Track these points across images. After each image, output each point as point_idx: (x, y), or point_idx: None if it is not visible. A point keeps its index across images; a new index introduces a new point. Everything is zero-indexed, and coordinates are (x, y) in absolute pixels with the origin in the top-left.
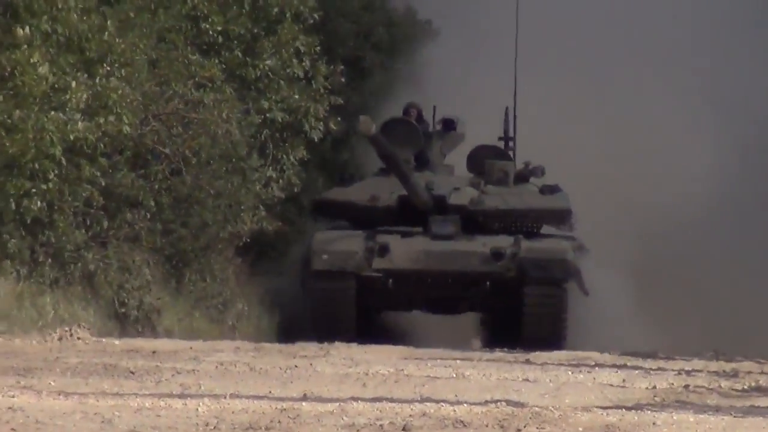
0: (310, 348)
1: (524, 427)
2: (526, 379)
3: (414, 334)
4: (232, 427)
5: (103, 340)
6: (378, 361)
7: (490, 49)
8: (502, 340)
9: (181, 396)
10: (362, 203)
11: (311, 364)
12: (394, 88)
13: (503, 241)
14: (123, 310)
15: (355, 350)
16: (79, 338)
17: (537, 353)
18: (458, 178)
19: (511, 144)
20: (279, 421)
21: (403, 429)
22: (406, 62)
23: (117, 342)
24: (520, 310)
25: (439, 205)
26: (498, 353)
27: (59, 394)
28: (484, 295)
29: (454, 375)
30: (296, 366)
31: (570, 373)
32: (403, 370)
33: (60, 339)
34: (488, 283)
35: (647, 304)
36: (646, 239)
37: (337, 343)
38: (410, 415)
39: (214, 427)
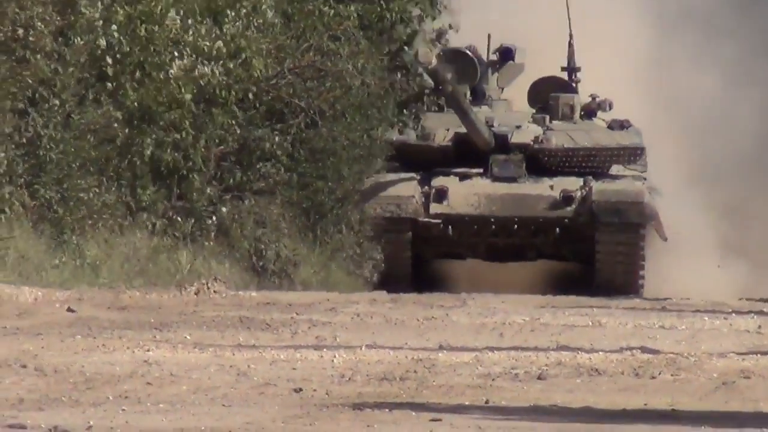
0: (447, 298)
1: (659, 374)
2: (662, 326)
3: (473, 283)
4: (368, 378)
5: (240, 293)
6: (514, 310)
7: None
8: (571, 288)
9: (316, 348)
10: (415, 143)
11: (447, 315)
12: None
13: (572, 183)
14: (260, 263)
15: (492, 300)
16: (215, 292)
17: (672, 300)
18: (520, 114)
19: (575, 75)
20: (415, 371)
21: (539, 378)
22: None
23: (253, 294)
24: (592, 258)
25: (500, 144)
26: (635, 300)
27: (195, 347)
28: (553, 242)
29: (590, 323)
30: (433, 317)
31: (706, 319)
32: (539, 319)
33: (197, 293)
34: (557, 229)
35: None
36: (721, 174)
37: (474, 294)
38: (546, 365)
39: (349, 379)
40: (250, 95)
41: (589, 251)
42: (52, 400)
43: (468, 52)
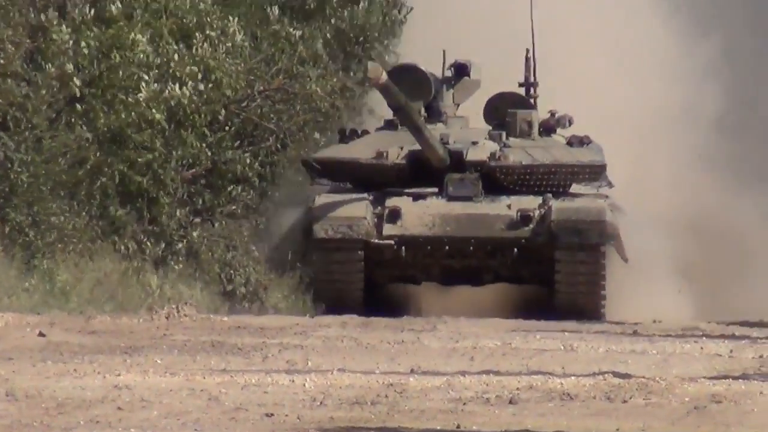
0: (418, 322)
1: (631, 398)
2: (633, 351)
3: (427, 308)
4: (339, 403)
5: (211, 317)
6: (485, 334)
7: None
8: (530, 311)
9: (288, 372)
10: (367, 161)
11: (418, 339)
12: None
13: (530, 202)
14: (230, 287)
15: (463, 324)
16: (185, 315)
17: (643, 324)
18: (476, 131)
19: (533, 91)
20: (386, 396)
21: (510, 402)
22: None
23: (224, 319)
24: (552, 280)
25: (455, 162)
26: (606, 324)
27: (166, 372)
28: (511, 264)
29: (562, 347)
30: (403, 340)
31: (677, 343)
32: (510, 343)
33: (167, 317)
34: (515, 250)
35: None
36: (683, 190)
37: (444, 317)
38: (517, 389)
39: (321, 403)
40: (221, 117)
41: (549, 273)
42: (24, 425)
43: (421, 67)
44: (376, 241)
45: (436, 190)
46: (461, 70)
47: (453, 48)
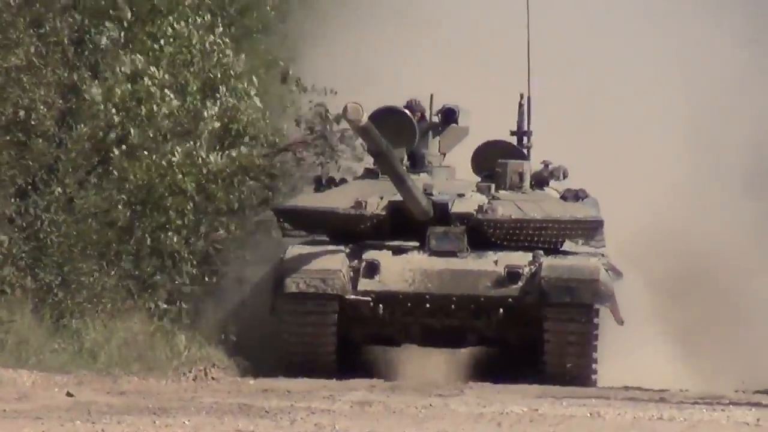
0: (446, 387)
1: None
2: (661, 418)
3: (406, 371)
4: None
5: (238, 379)
6: (512, 400)
7: (501, 25)
8: (517, 376)
9: None
10: (345, 211)
11: (446, 404)
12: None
13: (519, 258)
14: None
15: (490, 389)
16: (213, 378)
17: (670, 391)
18: (463, 182)
19: (527, 140)
20: None
21: None
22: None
23: (252, 382)
24: (540, 343)
25: (439, 214)
26: (633, 392)
27: None
28: (496, 325)
29: (589, 414)
30: (431, 405)
31: (704, 411)
32: (537, 409)
33: (194, 378)
34: (501, 309)
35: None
36: (685, 260)
37: (471, 383)
38: None
39: None
40: (248, 179)
41: (537, 335)
42: None
43: (405, 111)
44: (352, 296)
45: (417, 244)
46: (449, 116)
47: (441, 91)
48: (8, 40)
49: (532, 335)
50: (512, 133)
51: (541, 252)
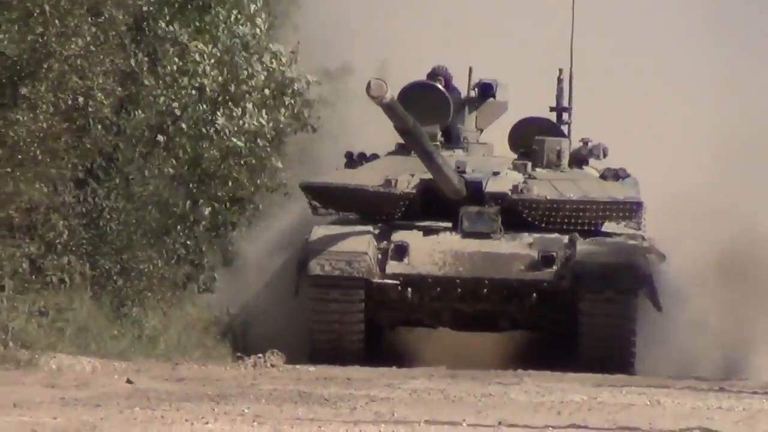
0: (505, 375)
1: None
2: (720, 407)
3: (439, 356)
4: None
5: (297, 367)
6: (572, 388)
7: None
8: (555, 362)
9: (374, 423)
10: (374, 189)
11: (505, 392)
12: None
13: (554, 242)
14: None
15: (549, 377)
16: (272, 365)
17: (729, 381)
18: (498, 159)
19: (565, 117)
20: None
21: None
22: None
23: (311, 369)
24: (575, 330)
25: (473, 194)
26: (692, 381)
27: (254, 421)
28: (530, 310)
29: (648, 402)
30: (491, 394)
31: (764, 400)
32: (596, 397)
33: (254, 366)
34: (534, 294)
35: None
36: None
37: (531, 371)
38: None
39: None
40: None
41: (572, 321)
42: None
43: (439, 86)
44: (378, 280)
45: (450, 224)
46: (486, 91)
47: (480, 65)
48: (66, 27)
49: (567, 321)
50: (551, 109)
51: (578, 234)
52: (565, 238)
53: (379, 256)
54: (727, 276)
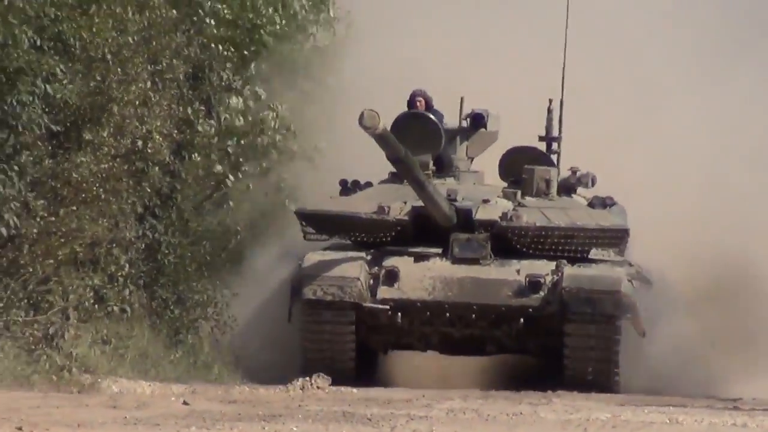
0: (535, 395)
1: None
2: (734, 424)
3: (429, 378)
4: None
5: (342, 389)
6: (597, 407)
7: (532, 29)
8: (539, 384)
9: None
10: (367, 216)
11: (535, 411)
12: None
13: (542, 267)
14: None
15: (576, 397)
16: (318, 387)
17: (743, 399)
18: (488, 188)
19: (555, 146)
20: None
21: None
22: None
23: (354, 391)
24: (561, 352)
25: (463, 221)
26: (709, 400)
27: None
28: (517, 334)
29: (668, 420)
30: (521, 412)
31: None
32: (620, 416)
33: (302, 388)
34: (522, 319)
35: None
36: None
37: (559, 391)
38: None
39: None
40: None
41: (558, 345)
42: None
43: (431, 116)
44: (369, 304)
45: (440, 250)
46: (478, 121)
47: (471, 95)
48: (127, 75)
49: (553, 344)
50: (540, 139)
51: (565, 261)
52: (553, 264)
53: (371, 281)
54: (712, 300)
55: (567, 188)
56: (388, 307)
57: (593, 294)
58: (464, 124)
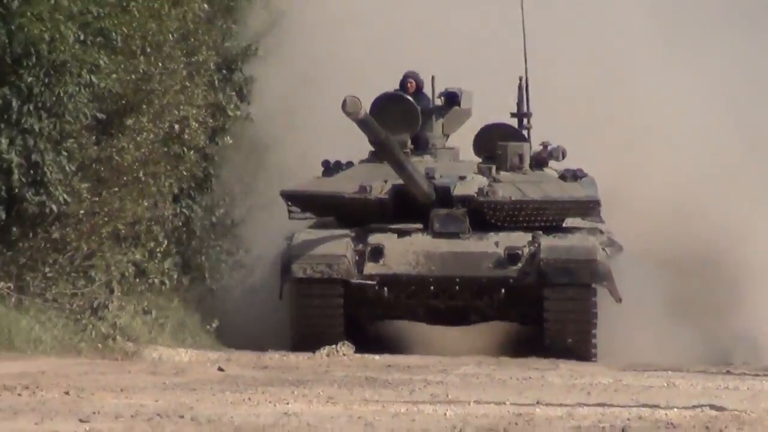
0: (542, 362)
1: (725, 428)
2: (727, 387)
3: (415, 344)
4: (476, 430)
5: (365, 356)
6: (600, 372)
7: (502, 8)
8: (524, 349)
9: (431, 402)
10: (350, 196)
11: (543, 376)
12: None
13: (519, 239)
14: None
15: (581, 365)
16: (344, 355)
17: (734, 365)
18: (464, 164)
19: (527, 122)
20: (516, 424)
21: (622, 430)
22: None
23: (376, 358)
24: (541, 321)
25: (441, 197)
26: (704, 365)
27: (327, 402)
28: (498, 304)
29: (666, 384)
30: (530, 377)
31: (765, 382)
32: (621, 380)
33: (328, 355)
34: (502, 290)
35: None
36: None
37: (563, 359)
38: (628, 419)
39: (460, 430)
40: None
41: (538, 313)
42: None
43: (408, 97)
44: (357, 280)
45: (421, 226)
46: (451, 99)
47: (443, 74)
48: (167, 69)
49: (534, 313)
50: (512, 115)
51: (540, 232)
52: (529, 236)
53: (357, 258)
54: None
55: (539, 162)
56: (374, 282)
57: (570, 263)
58: (438, 102)
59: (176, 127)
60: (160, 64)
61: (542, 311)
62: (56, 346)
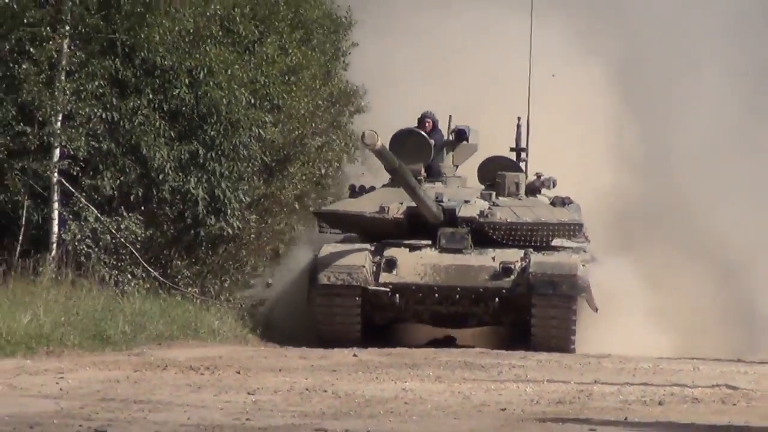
0: (597, 353)
1: (738, 402)
2: (739, 372)
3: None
4: (548, 402)
5: (465, 350)
6: (643, 359)
7: (505, 57)
8: (511, 346)
9: (514, 381)
10: (370, 215)
11: (599, 362)
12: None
13: (512, 255)
14: None
15: (627, 353)
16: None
17: (745, 354)
18: (469, 190)
19: (523, 155)
20: (578, 398)
21: (659, 403)
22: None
23: (475, 348)
24: (528, 324)
25: (448, 218)
26: (721, 354)
27: (435, 380)
28: (493, 311)
29: (692, 368)
30: (589, 362)
31: None
32: (659, 365)
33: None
34: (497, 299)
35: None
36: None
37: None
38: (663, 395)
39: (536, 402)
40: None
41: (526, 318)
42: (343, 413)
43: (422, 132)
44: (373, 287)
45: (430, 242)
46: (460, 135)
47: (455, 112)
48: (316, 127)
49: (523, 318)
50: (511, 150)
51: (531, 250)
52: (522, 253)
53: (374, 268)
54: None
55: (533, 190)
56: (388, 289)
57: (554, 278)
58: (450, 137)
59: (323, 170)
60: (313, 124)
61: (530, 317)
62: (230, 336)
